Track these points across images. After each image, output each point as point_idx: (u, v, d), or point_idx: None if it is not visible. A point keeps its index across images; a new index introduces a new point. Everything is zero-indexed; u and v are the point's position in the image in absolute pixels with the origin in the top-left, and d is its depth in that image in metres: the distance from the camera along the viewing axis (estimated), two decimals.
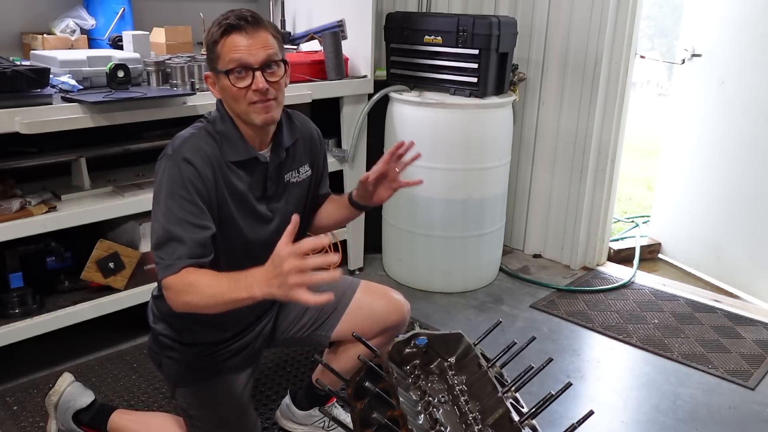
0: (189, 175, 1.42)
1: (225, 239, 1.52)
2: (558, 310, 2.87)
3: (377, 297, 1.80)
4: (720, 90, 3.10)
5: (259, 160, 1.55)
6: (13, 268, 2.19)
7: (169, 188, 1.42)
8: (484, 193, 2.93)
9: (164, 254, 1.39)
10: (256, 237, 1.59)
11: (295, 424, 1.99)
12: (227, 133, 1.52)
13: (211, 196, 1.47)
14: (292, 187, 1.66)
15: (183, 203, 1.41)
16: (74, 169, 2.29)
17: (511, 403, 1.42)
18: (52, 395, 1.83)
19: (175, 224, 1.40)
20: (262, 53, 1.44)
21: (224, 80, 1.45)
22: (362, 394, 1.47)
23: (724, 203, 3.13)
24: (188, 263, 1.38)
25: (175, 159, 1.43)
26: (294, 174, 1.66)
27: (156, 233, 1.42)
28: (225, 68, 1.44)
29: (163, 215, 1.42)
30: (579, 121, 3.14)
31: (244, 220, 1.56)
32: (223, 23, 1.43)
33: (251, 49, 1.43)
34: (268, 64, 1.45)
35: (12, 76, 1.88)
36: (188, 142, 1.47)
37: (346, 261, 3.17)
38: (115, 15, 2.67)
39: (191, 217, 1.41)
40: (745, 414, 2.18)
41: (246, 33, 1.43)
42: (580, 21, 3.04)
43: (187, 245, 1.39)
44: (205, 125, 1.53)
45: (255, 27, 1.44)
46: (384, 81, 3.09)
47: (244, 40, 1.43)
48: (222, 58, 1.44)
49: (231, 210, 1.52)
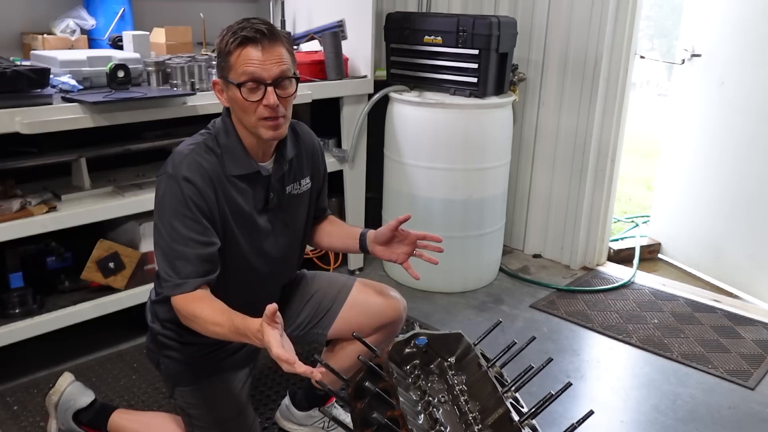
0: (190, 193, 1.44)
1: (225, 252, 1.54)
2: (558, 310, 2.87)
3: (373, 294, 1.80)
4: (720, 90, 3.10)
5: (261, 173, 1.56)
6: (14, 268, 2.19)
7: (171, 208, 1.45)
8: (484, 193, 2.93)
9: (172, 273, 1.44)
10: (257, 249, 1.61)
11: (295, 425, 1.99)
12: (230, 146, 1.52)
13: (213, 212, 1.49)
14: (294, 199, 1.67)
15: (187, 222, 1.44)
16: (74, 169, 2.29)
17: (511, 403, 1.42)
18: (53, 395, 1.84)
19: (180, 243, 1.43)
20: (276, 69, 1.43)
21: (235, 91, 1.45)
22: (362, 394, 1.47)
23: (724, 203, 3.13)
24: (197, 283, 1.43)
25: (176, 178, 1.45)
26: (296, 186, 1.67)
27: (162, 251, 1.46)
28: (237, 80, 1.43)
29: (168, 234, 1.45)
30: (579, 121, 3.14)
31: (244, 233, 1.57)
32: (240, 34, 1.41)
33: (266, 63, 1.42)
34: (280, 80, 1.45)
35: (12, 76, 1.88)
36: (188, 159, 1.47)
37: (346, 261, 3.18)
38: (115, 15, 2.67)
39: (196, 234, 1.44)
40: (744, 414, 2.18)
41: (261, 47, 1.42)
42: (580, 21, 3.04)
43: (194, 263, 1.43)
44: (205, 139, 1.53)
45: (271, 41, 1.43)
46: (384, 81, 3.09)
47: (259, 54, 1.42)
48: (235, 69, 1.43)
49: (231, 223, 1.54)
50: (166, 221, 1.45)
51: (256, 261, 1.62)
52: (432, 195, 2.88)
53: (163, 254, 1.46)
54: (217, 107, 2.35)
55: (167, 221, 1.45)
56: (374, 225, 3.16)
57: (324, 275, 1.91)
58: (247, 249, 1.59)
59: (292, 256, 1.74)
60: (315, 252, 3.05)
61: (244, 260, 1.60)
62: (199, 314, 1.38)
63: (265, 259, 1.64)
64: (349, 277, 1.86)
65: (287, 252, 1.70)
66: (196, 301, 1.41)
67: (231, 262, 1.56)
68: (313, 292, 1.82)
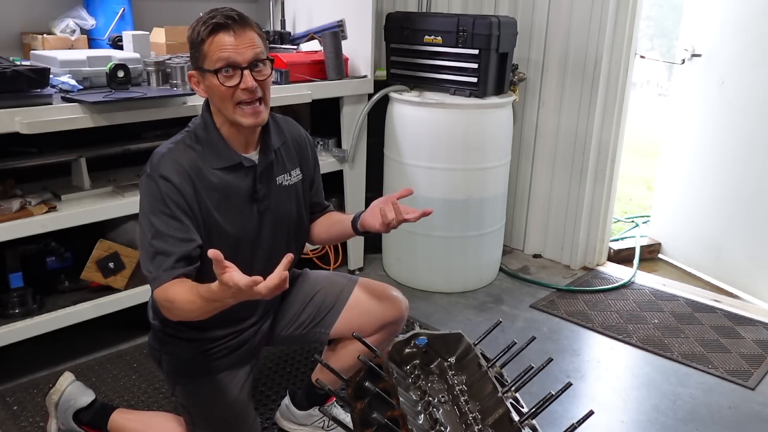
0: (167, 191, 1.45)
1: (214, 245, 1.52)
2: (558, 310, 2.87)
3: (375, 294, 1.80)
4: (720, 90, 3.10)
5: (244, 164, 1.56)
6: (13, 268, 2.19)
7: (150, 206, 1.46)
8: (484, 193, 2.93)
9: (152, 268, 1.44)
10: (248, 241, 1.61)
11: (295, 425, 1.99)
12: (210, 140, 1.53)
13: (193, 208, 1.49)
14: (284, 190, 1.67)
15: (165, 218, 1.45)
16: (74, 169, 2.29)
17: (511, 403, 1.42)
18: (53, 394, 1.84)
19: (158, 239, 1.44)
20: (250, 52, 1.45)
21: (211, 79, 1.46)
22: (362, 394, 1.47)
23: (724, 203, 3.13)
24: (174, 275, 1.42)
25: (153, 177, 1.46)
26: (286, 177, 1.67)
27: (144, 249, 1.47)
28: (213, 67, 1.44)
29: (148, 231, 1.46)
30: (579, 121, 3.14)
31: (232, 225, 1.57)
32: (210, 22, 1.43)
33: (239, 48, 1.44)
34: (255, 62, 1.46)
35: (12, 76, 1.88)
36: (165, 158, 1.49)
37: (346, 261, 3.18)
38: (115, 15, 2.67)
39: (174, 231, 1.45)
40: (745, 414, 2.18)
41: (233, 32, 1.44)
42: (580, 21, 3.04)
43: (171, 258, 1.43)
44: (184, 137, 1.55)
45: (242, 26, 1.45)
46: (384, 81, 3.09)
47: (231, 39, 1.43)
48: (209, 57, 1.45)
49: (215, 216, 1.53)
50: (145, 219, 1.47)
51: (246, 253, 1.61)
52: (432, 195, 2.88)
53: (144, 251, 1.47)
54: None
55: (146, 219, 1.46)
56: None
57: (326, 275, 1.91)
58: (235, 241, 1.58)
59: (287, 248, 1.73)
60: (315, 252, 3.05)
61: (234, 253, 1.56)
62: (172, 298, 1.37)
63: (257, 252, 1.64)
64: (351, 277, 1.87)
65: (281, 244, 1.68)
66: (169, 288, 1.40)
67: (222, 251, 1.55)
68: (315, 292, 1.83)
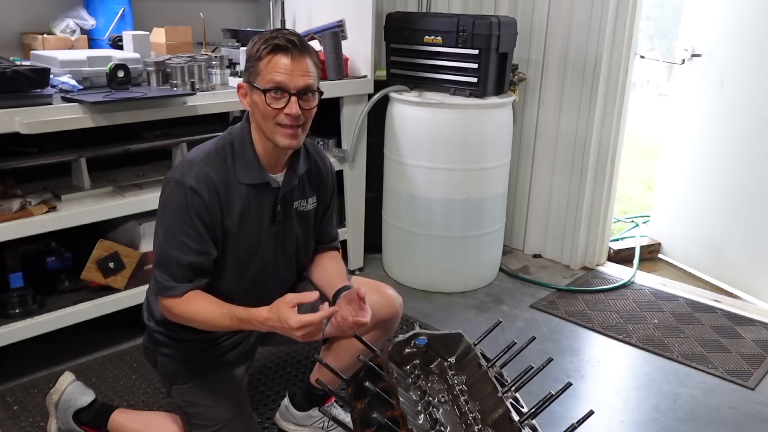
0: (194, 203, 1.48)
1: (229, 259, 1.59)
2: (558, 310, 2.87)
3: (369, 291, 1.78)
4: (720, 90, 3.10)
5: (271, 185, 1.59)
6: (14, 268, 2.19)
7: (173, 213, 1.49)
8: (484, 193, 2.93)
9: (164, 275, 1.49)
10: (260, 258, 1.64)
11: (295, 426, 1.99)
12: (243, 154, 1.56)
13: (215, 222, 1.52)
14: (299, 214, 1.70)
15: (185, 228, 1.48)
16: (74, 169, 2.29)
17: (511, 403, 1.42)
18: (53, 394, 1.84)
19: (175, 248, 1.48)
20: (302, 81, 1.47)
21: (258, 96, 1.48)
22: (362, 394, 1.47)
23: (724, 203, 3.13)
24: (187, 288, 1.48)
25: (182, 186, 1.48)
26: (302, 203, 1.70)
27: (157, 252, 1.51)
28: (263, 86, 1.47)
29: (164, 236, 1.50)
30: (579, 121, 3.14)
31: (246, 240, 1.60)
32: (272, 42, 1.46)
33: (293, 74, 1.46)
34: (305, 91, 1.48)
35: (12, 76, 1.88)
36: (197, 168, 1.50)
37: (346, 261, 3.18)
38: (115, 15, 2.67)
39: (191, 242, 1.48)
40: (744, 414, 2.18)
41: (291, 57, 1.46)
42: (580, 21, 3.04)
43: (186, 269, 1.48)
44: (218, 148, 1.56)
45: (301, 53, 1.47)
46: (384, 81, 3.09)
47: (288, 63, 1.46)
48: (263, 75, 1.47)
49: (233, 232, 1.57)
50: (165, 225, 1.50)
51: (252, 270, 1.65)
52: (432, 195, 2.88)
53: (158, 256, 1.51)
54: (217, 108, 2.36)
55: (166, 225, 1.50)
56: (374, 224, 3.20)
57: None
58: (246, 256, 1.62)
59: (288, 269, 1.75)
60: None
61: (242, 269, 1.63)
62: (194, 312, 1.47)
63: (261, 269, 1.67)
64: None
65: (283, 265, 1.72)
66: (190, 301, 1.47)
67: (229, 268, 1.60)
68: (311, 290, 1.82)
